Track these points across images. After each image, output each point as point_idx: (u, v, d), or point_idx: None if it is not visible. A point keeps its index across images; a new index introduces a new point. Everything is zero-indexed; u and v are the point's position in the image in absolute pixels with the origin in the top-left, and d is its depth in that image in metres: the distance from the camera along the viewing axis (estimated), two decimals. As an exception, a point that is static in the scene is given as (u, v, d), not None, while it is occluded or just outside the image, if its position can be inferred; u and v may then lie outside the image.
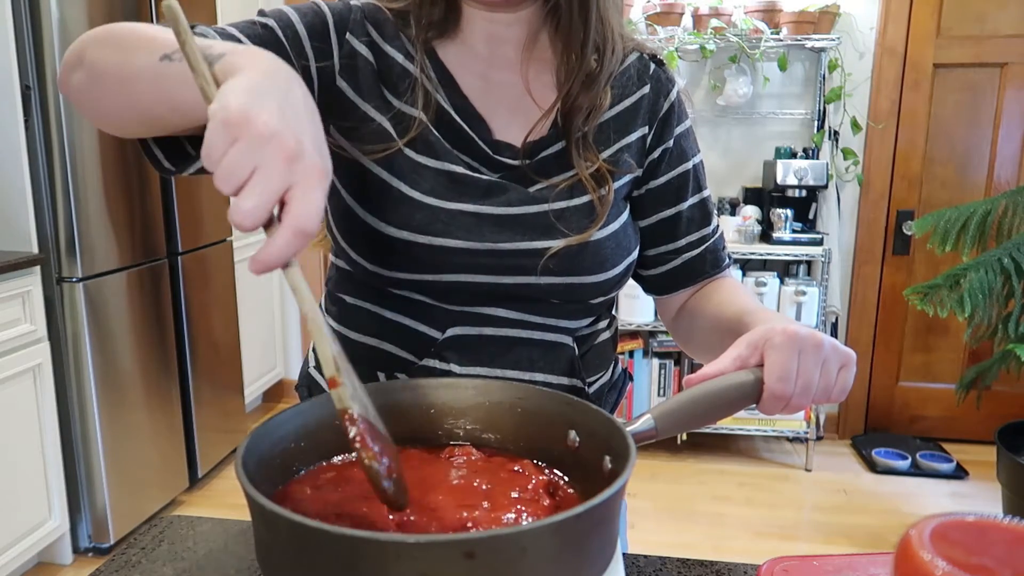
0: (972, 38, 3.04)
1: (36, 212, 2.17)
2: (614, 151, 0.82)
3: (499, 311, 0.79)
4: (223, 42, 0.56)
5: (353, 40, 0.78)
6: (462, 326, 0.79)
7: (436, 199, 0.76)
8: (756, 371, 0.64)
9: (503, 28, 0.81)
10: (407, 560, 0.41)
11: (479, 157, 0.79)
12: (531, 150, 0.80)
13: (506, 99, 0.81)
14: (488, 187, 0.78)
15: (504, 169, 0.79)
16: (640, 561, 0.70)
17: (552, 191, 0.78)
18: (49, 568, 2.31)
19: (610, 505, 0.47)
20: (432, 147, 0.78)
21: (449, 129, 0.79)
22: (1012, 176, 3.10)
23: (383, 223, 0.76)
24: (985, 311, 2.26)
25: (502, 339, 0.80)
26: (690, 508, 2.75)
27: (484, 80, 0.82)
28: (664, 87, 0.85)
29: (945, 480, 2.96)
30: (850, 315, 3.28)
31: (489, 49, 0.82)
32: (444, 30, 0.81)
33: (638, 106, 0.84)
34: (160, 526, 0.76)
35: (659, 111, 0.85)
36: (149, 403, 2.50)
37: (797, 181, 2.98)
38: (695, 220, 0.88)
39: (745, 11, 3.02)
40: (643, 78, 0.85)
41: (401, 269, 0.77)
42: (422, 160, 0.77)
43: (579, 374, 0.83)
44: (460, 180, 0.77)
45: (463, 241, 0.75)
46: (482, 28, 0.81)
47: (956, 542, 0.40)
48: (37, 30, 2.09)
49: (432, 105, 0.79)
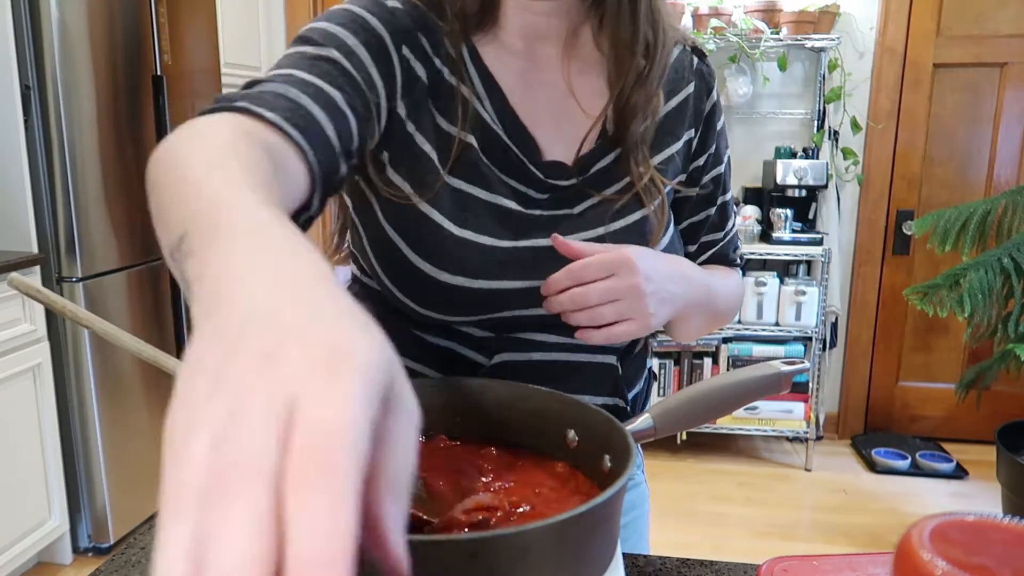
0: (972, 38, 3.04)
1: (36, 212, 2.17)
2: (664, 157, 0.77)
3: (549, 337, 0.75)
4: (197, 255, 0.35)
5: (409, 56, 0.70)
6: (510, 352, 0.75)
7: (491, 238, 0.70)
8: (755, 371, 0.64)
9: (543, 21, 0.74)
10: (409, 560, 0.41)
11: (530, 182, 0.73)
12: (582, 164, 0.75)
13: (549, 105, 0.75)
14: (543, 221, 0.72)
15: (555, 190, 0.74)
16: (640, 561, 0.70)
17: (607, 210, 0.73)
18: (49, 568, 2.31)
19: (611, 505, 0.47)
20: (482, 176, 0.72)
21: (496, 152, 0.73)
22: (1012, 176, 3.10)
23: (435, 268, 0.70)
24: (985, 311, 2.26)
25: (551, 364, 0.76)
26: (690, 508, 2.75)
27: (524, 82, 0.75)
28: (707, 83, 0.80)
29: (945, 480, 2.96)
30: (850, 315, 3.28)
31: (526, 45, 0.75)
32: (481, 23, 0.74)
33: (684, 106, 0.78)
34: (160, 526, 0.76)
35: (703, 110, 0.80)
36: (149, 403, 2.50)
37: (797, 181, 2.98)
38: (714, 224, 0.85)
39: (745, 11, 3.02)
40: (688, 74, 0.79)
41: (455, 312, 0.72)
42: (471, 191, 0.71)
43: (622, 393, 0.81)
44: (514, 216, 0.72)
45: (521, 281, 0.71)
46: (519, 20, 0.74)
47: (956, 542, 0.40)
48: (37, 30, 2.09)
49: (478, 121, 0.72)
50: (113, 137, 2.30)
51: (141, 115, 2.42)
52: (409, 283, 0.71)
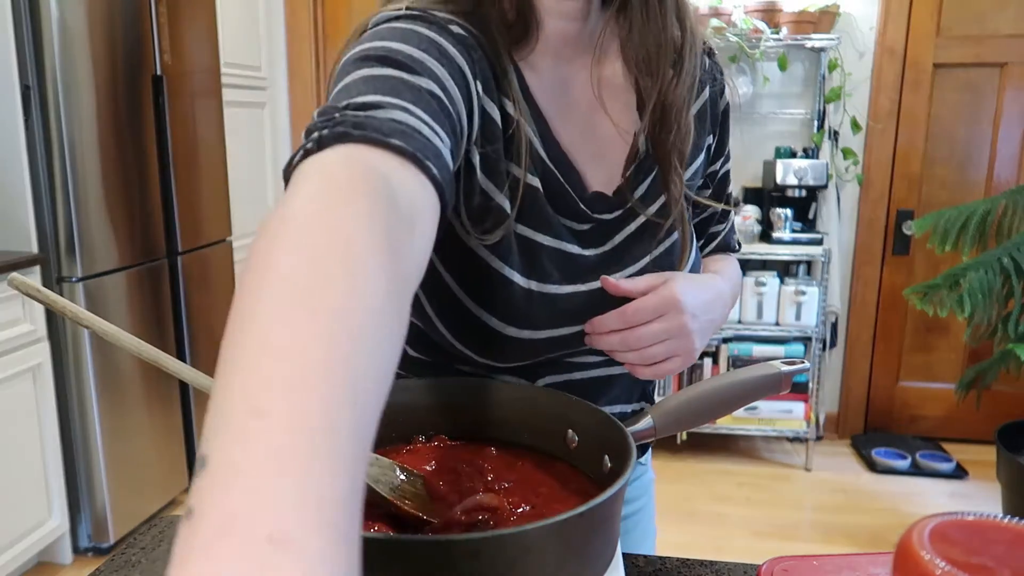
0: (972, 38, 3.04)
1: (36, 212, 2.17)
2: (692, 172, 0.75)
3: (587, 357, 0.75)
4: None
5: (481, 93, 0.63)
6: (553, 375, 0.74)
7: (555, 286, 0.68)
8: (755, 371, 0.64)
9: (573, 27, 0.68)
10: (409, 560, 0.41)
11: (579, 218, 0.70)
12: (621, 191, 0.72)
13: (583, 126, 0.70)
14: (595, 264, 0.71)
15: (599, 223, 0.71)
16: (640, 561, 0.70)
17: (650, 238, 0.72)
18: (49, 568, 2.30)
19: (611, 505, 0.47)
20: (544, 219, 0.68)
21: (551, 188, 0.68)
22: (1012, 176, 3.10)
23: (502, 323, 0.67)
24: (985, 311, 2.26)
25: (590, 381, 0.76)
26: (690, 508, 2.75)
27: (558, 105, 0.69)
28: (720, 83, 0.77)
29: (945, 480, 2.96)
30: (850, 315, 3.28)
31: (555, 61, 0.69)
32: (521, 36, 0.67)
33: (704, 112, 0.76)
34: (160, 526, 0.76)
35: (719, 113, 0.78)
36: (149, 403, 2.50)
37: (797, 181, 2.98)
38: (716, 217, 0.86)
39: (745, 11, 3.02)
40: (704, 77, 0.75)
41: (513, 360, 0.71)
42: (536, 238, 0.67)
43: (650, 398, 0.83)
44: (573, 260, 0.69)
45: (579, 326, 0.69)
46: (551, 26, 0.68)
47: (955, 542, 0.40)
48: (37, 30, 2.09)
49: (537, 159, 0.67)
50: (113, 137, 2.30)
51: (141, 115, 2.42)
52: (469, 334, 0.69)
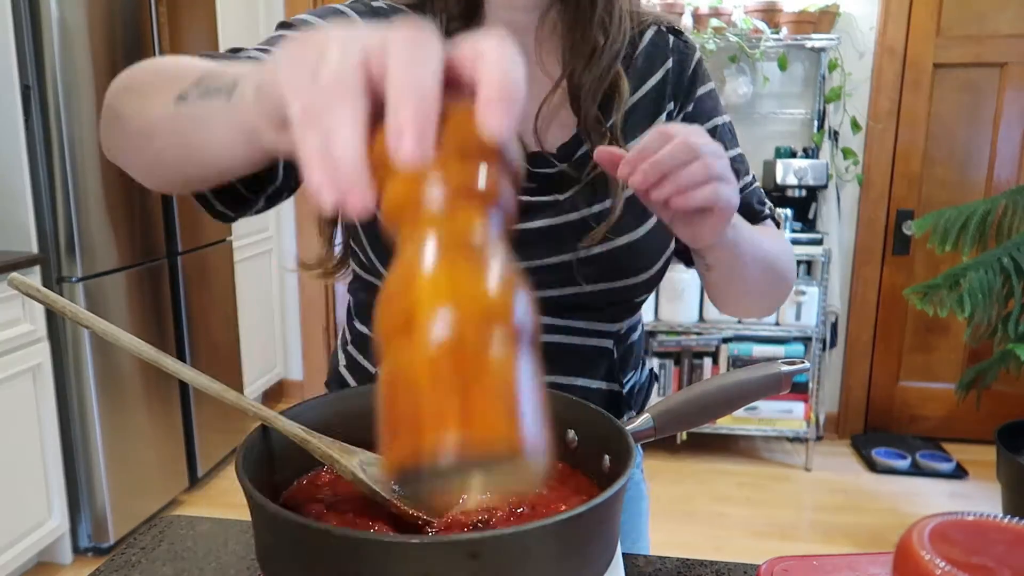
0: (972, 38, 3.04)
1: (36, 212, 2.16)
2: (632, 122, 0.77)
3: (544, 319, 0.75)
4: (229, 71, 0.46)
5: None
6: None
7: None
8: (755, 371, 0.64)
9: (523, 15, 0.76)
10: (409, 560, 0.41)
11: None
12: (563, 153, 0.76)
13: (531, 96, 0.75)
14: (528, 207, 0.74)
15: (539, 179, 0.75)
16: (640, 561, 0.70)
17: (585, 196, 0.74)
18: (49, 568, 2.30)
19: (611, 505, 0.47)
20: None
21: None
22: (1012, 176, 3.10)
23: None
24: (985, 311, 2.26)
25: (546, 346, 0.74)
26: (690, 508, 2.75)
27: None
28: (686, 56, 0.81)
29: (945, 480, 2.96)
30: (850, 315, 3.28)
31: None
32: (464, 24, 0.74)
33: (664, 83, 0.79)
34: (160, 526, 0.76)
35: (684, 82, 0.80)
36: (149, 403, 2.50)
37: (797, 181, 2.98)
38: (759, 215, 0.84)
39: (745, 11, 3.02)
40: (665, 52, 0.80)
41: None
42: None
43: (616, 377, 0.81)
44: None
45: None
46: (502, 18, 0.75)
47: (955, 542, 0.40)
48: (37, 30, 2.09)
49: None
50: (113, 137, 2.30)
51: (141, 115, 2.42)
52: None
